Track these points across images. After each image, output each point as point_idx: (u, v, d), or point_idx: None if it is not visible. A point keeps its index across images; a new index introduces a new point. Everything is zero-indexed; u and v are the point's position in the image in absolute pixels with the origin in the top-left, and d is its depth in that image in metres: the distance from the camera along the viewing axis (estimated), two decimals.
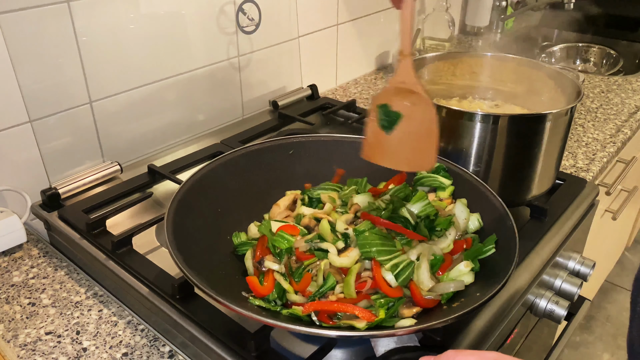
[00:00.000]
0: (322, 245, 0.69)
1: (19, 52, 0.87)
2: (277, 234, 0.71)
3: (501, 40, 1.94)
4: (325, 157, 0.89)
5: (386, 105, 0.68)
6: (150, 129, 1.11)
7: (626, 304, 0.66)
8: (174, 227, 0.68)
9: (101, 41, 0.96)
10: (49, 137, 0.95)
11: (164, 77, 1.09)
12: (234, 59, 1.21)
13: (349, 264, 0.67)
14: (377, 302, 0.64)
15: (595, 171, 1.11)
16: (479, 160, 0.86)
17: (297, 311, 0.63)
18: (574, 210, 0.95)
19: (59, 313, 0.76)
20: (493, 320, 0.73)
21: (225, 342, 0.67)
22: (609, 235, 1.82)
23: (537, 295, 0.86)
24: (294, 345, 0.68)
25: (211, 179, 0.80)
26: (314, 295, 0.66)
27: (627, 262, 2.39)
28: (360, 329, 0.60)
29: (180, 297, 0.72)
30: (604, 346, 2.01)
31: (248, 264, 0.73)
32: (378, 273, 0.66)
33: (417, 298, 0.65)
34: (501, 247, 0.68)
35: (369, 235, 0.68)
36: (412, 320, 0.63)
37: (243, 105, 1.28)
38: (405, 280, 0.66)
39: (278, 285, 0.67)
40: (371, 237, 0.68)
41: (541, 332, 1.04)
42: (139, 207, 0.94)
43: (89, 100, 0.98)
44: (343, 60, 1.52)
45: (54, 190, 0.93)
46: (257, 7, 1.19)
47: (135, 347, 0.71)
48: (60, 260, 0.87)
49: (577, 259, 0.96)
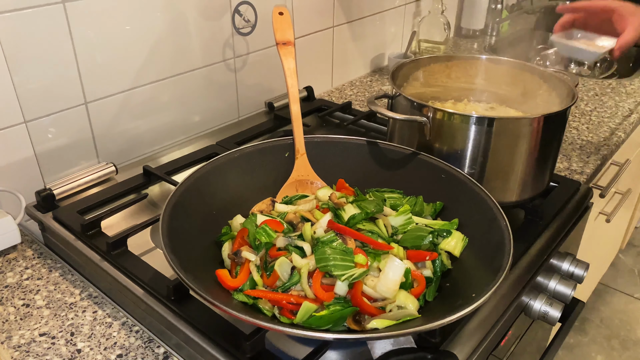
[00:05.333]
0: (299, 243, 0.69)
1: (14, 52, 0.86)
2: (260, 227, 0.71)
3: (496, 43, 1.95)
4: (320, 159, 0.89)
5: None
6: (145, 130, 1.11)
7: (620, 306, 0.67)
8: (169, 229, 0.68)
9: (97, 42, 0.96)
10: (44, 138, 0.95)
11: (159, 78, 1.09)
12: (229, 61, 1.21)
13: (303, 266, 0.66)
14: (331, 306, 0.63)
15: (589, 174, 1.12)
16: (473, 163, 0.87)
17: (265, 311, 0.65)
18: (568, 213, 0.95)
19: (53, 314, 0.76)
20: (487, 321, 0.73)
21: (220, 344, 0.67)
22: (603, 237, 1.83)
23: (531, 297, 0.86)
24: (288, 347, 0.68)
25: (207, 181, 0.80)
26: (277, 289, 0.66)
27: (621, 264, 2.40)
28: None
29: (175, 298, 0.72)
30: (598, 348, 2.02)
31: (224, 255, 0.73)
32: (317, 281, 0.65)
33: (358, 300, 0.64)
34: (495, 248, 0.69)
35: (327, 250, 0.66)
36: (385, 322, 0.62)
37: (239, 106, 1.28)
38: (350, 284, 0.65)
39: (251, 278, 0.68)
40: (329, 251, 0.66)
41: (535, 334, 1.05)
42: (134, 209, 0.94)
43: (84, 101, 0.98)
44: (339, 62, 1.52)
45: (49, 191, 0.93)
46: (253, 9, 1.19)
47: (130, 348, 0.71)
48: (55, 262, 0.86)
49: (571, 261, 0.96)
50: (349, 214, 0.73)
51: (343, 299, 0.64)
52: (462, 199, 0.78)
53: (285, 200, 0.83)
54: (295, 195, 0.84)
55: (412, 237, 0.73)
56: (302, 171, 0.87)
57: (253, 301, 0.66)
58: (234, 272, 0.70)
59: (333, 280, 0.65)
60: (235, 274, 0.70)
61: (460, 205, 0.79)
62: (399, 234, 0.75)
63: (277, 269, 0.66)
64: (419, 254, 0.72)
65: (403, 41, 1.75)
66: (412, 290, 0.67)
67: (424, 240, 0.73)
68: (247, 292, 0.66)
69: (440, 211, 0.81)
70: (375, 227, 0.73)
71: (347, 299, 0.64)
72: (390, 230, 0.75)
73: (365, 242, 0.70)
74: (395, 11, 1.66)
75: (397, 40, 1.73)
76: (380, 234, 0.73)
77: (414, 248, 0.73)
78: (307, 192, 0.86)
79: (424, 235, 0.73)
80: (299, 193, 0.85)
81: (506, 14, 2.02)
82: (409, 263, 0.70)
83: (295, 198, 0.83)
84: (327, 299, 0.64)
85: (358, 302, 0.63)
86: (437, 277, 0.71)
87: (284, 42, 0.92)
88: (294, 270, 0.67)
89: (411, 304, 0.65)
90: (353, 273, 0.64)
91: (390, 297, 0.65)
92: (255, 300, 0.66)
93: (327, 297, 0.64)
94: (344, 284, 0.64)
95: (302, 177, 0.87)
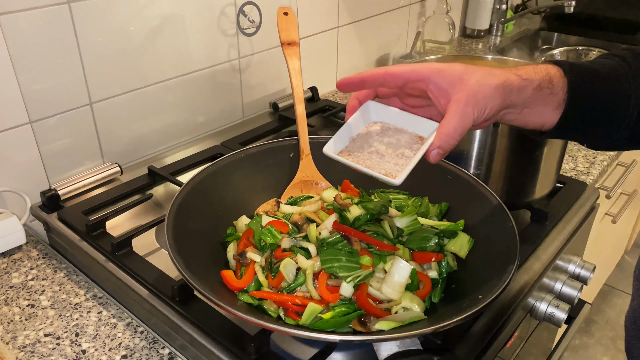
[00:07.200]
0: (304, 244, 0.69)
1: (19, 53, 0.86)
2: (265, 227, 0.71)
3: (501, 43, 1.94)
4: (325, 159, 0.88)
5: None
6: (150, 130, 1.11)
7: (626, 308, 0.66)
8: (174, 230, 0.68)
9: (102, 42, 0.96)
10: (49, 138, 0.95)
11: (164, 78, 1.09)
12: (234, 61, 1.21)
13: (308, 267, 0.66)
14: (336, 308, 0.63)
15: (596, 174, 1.11)
16: (479, 163, 0.86)
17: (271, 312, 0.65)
18: (574, 214, 0.94)
19: (58, 315, 0.76)
20: (493, 323, 0.73)
21: (225, 345, 0.66)
22: (609, 238, 1.82)
23: (537, 298, 0.86)
24: (293, 348, 0.68)
25: (211, 182, 0.80)
26: (282, 290, 0.66)
27: (627, 265, 2.39)
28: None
29: (180, 299, 0.72)
30: (603, 349, 2.01)
31: (229, 256, 0.73)
32: (322, 282, 0.65)
33: (363, 302, 0.64)
34: (501, 250, 0.68)
35: (333, 251, 0.66)
36: (391, 324, 0.61)
37: (243, 107, 1.28)
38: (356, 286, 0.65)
39: (256, 279, 0.68)
40: (334, 252, 0.66)
41: (541, 336, 1.04)
42: (139, 209, 0.94)
43: (89, 102, 0.98)
44: (343, 62, 1.52)
45: (54, 191, 0.93)
46: (257, 9, 1.19)
47: (135, 349, 0.71)
48: (60, 262, 0.86)
49: (577, 262, 0.96)
50: (354, 215, 0.73)
51: (348, 300, 0.64)
52: (468, 200, 0.78)
53: (290, 201, 0.83)
54: (300, 196, 0.84)
55: (418, 239, 0.73)
56: (307, 172, 0.87)
57: (258, 302, 0.66)
58: (239, 273, 0.70)
59: (338, 281, 0.64)
60: (240, 275, 0.69)
61: (466, 207, 0.78)
62: (405, 236, 0.75)
63: (282, 270, 0.66)
64: (424, 255, 0.71)
65: (408, 41, 1.75)
66: (417, 292, 0.67)
67: (429, 242, 0.72)
68: (252, 293, 0.66)
69: (446, 212, 0.81)
70: (380, 228, 0.73)
71: (353, 300, 0.64)
72: (396, 232, 0.74)
73: (371, 243, 0.69)
74: (399, 11, 1.65)
75: (402, 40, 1.73)
76: (386, 235, 0.72)
77: (419, 249, 0.72)
78: (312, 192, 0.86)
79: (429, 236, 0.73)
80: (304, 194, 0.85)
81: (511, 13, 2.01)
82: (415, 264, 0.70)
83: (300, 199, 0.83)
84: (332, 300, 0.63)
85: (363, 304, 0.63)
86: (443, 279, 0.70)
87: (289, 43, 0.92)
88: (299, 272, 0.66)
89: (417, 305, 0.64)
90: (359, 274, 0.64)
91: (395, 298, 0.64)
92: (260, 302, 0.66)
93: (332, 298, 0.63)
94: (349, 286, 0.64)
95: (307, 178, 0.87)
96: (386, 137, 0.62)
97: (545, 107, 0.59)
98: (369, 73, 0.60)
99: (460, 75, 0.57)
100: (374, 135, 0.63)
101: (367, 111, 0.64)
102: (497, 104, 0.56)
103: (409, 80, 0.59)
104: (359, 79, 0.60)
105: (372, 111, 0.64)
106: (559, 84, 0.59)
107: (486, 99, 0.56)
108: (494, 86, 0.56)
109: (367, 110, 0.64)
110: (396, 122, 0.63)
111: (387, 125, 0.64)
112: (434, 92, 0.58)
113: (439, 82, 0.57)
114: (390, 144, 0.61)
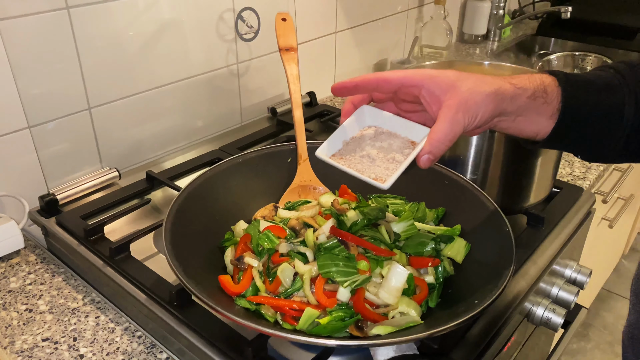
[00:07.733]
0: (301, 249, 0.70)
1: (18, 58, 0.87)
2: (263, 232, 0.72)
3: (498, 48, 1.95)
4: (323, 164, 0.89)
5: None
6: (148, 135, 1.11)
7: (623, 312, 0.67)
8: (172, 235, 0.68)
9: (100, 47, 0.97)
10: (48, 143, 0.95)
11: (162, 83, 1.09)
12: (232, 66, 1.21)
13: (305, 272, 0.67)
14: (333, 312, 0.63)
15: (592, 179, 1.12)
16: (476, 169, 0.87)
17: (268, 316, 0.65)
18: (570, 218, 0.95)
19: (56, 319, 0.76)
20: (490, 328, 0.73)
21: (223, 350, 0.66)
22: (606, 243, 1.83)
23: (534, 303, 0.86)
24: (290, 353, 0.68)
25: (209, 187, 0.80)
26: (279, 295, 0.66)
27: (624, 269, 2.40)
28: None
29: (177, 304, 0.72)
30: (601, 354, 2.01)
31: (227, 261, 0.74)
32: (319, 287, 0.65)
33: (360, 307, 0.64)
34: (498, 254, 0.68)
35: (330, 256, 0.66)
36: (388, 328, 0.62)
37: (242, 111, 1.29)
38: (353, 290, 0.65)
39: (253, 284, 0.68)
40: (332, 257, 0.66)
41: (538, 340, 1.04)
42: (137, 214, 0.94)
43: (87, 107, 0.99)
44: (341, 67, 1.53)
45: (52, 196, 0.93)
46: (256, 15, 1.19)
47: (132, 353, 0.71)
48: (58, 267, 0.86)
49: (574, 267, 0.96)
50: (352, 220, 0.73)
51: (345, 305, 0.64)
52: (465, 205, 0.78)
53: (287, 206, 0.83)
54: (297, 201, 0.84)
55: (415, 244, 0.73)
56: (304, 177, 0.87)
57: (255, 307, 0.66)
58: (237, 278, 0.70)
59: (335, 286, 0.65)
60: (237, 280, 0.70)
61: (463, 211, 0.79)
62: (402, 240, 0.75)
63: (279, 275, 0.66)
64: (421, 260, 0.72)
65: (405, 46, 1.76)
66: (414, 297, 0.67)
67: (426, 247, 0.73)
68: (249, 298, 0.66)
69: (443, 217, 0.81)
70: (377, 233, 0.73)
71: (350, 305, 0.64)
72: (393, 237, 0.75)
73: (368, 248, 0.70)
74: (397, 17, 1.66)
75: (400, 45, 1.74)
76: (383, 240, 0.73)
77: (416, 254, 0.73)
78: (310, 197, 0.86)
79: (426, 241, 0.73)
80: (301, 199, 0.85)
81: (508, 19, 2.02)
82: (412, 269, 0.70)
83: (298, 204, 0.83)
84: (329, 305, 0.64)
85: (360, 309, 0.63)
86: (439, 284, 0.71)
87: (287, 48, 0.92)
88: (297, 277, 0.67)
89: (413, 310, 0.65)
90: (356, 279, 0.64)
91: (392, 303, 0.65)
92: (257, 306, 0.66)
93: (329, 303, 0.64)
94: (346, 290, 0.64)
95: (305, 183, 0.87)
96: (379, 142, 0.63)
97: (539, 116, 0.59)
98: (362, 78, 0.61)
99: (452, 82, 0.57)
100: (367, 139, 0.63)
101: (361, 115, 0.65)
102: (489, 111, 0.57)
103: (402, 85, 0.60)
104: (353, 83, 0.61)
105: (366, 115, 0.65)
106: (554, 94, 0.59)
107: (477, 105, 0.56)
108: (486, 93, 0.56)
109: (361, 114, 0.65)
110: (390, 127, 0.64)
111: (380, 129, 0.64)
112: (426, 98, 0.59)
113: (431, 88, 0.58)
114: (382, 148, 0.62)
